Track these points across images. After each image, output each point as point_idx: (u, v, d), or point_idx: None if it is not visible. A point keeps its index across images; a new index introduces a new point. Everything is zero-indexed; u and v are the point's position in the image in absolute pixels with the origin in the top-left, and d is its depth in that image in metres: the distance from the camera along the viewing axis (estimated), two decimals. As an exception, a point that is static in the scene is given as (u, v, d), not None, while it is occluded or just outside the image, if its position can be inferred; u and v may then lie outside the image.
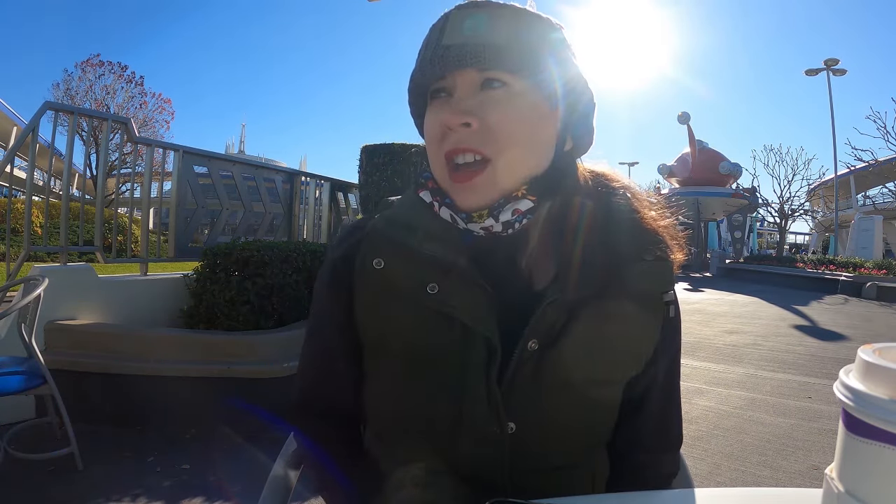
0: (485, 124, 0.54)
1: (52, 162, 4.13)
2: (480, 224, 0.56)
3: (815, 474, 2.32)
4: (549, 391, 0.56)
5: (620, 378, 0.60)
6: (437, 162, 0.57)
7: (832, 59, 18.29)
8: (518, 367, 0.55)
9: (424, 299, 0.55)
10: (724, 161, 17.45)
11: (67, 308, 2.83)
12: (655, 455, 0.65)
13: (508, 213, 0.56)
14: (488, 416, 0.55)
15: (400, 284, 0.57)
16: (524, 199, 0.56)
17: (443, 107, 0.56)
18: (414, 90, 0.61)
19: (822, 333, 6.04)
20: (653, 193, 0.68)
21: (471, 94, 0.55)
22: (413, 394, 0.57)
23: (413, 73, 0.59)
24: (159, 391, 2.65)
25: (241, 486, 2.04)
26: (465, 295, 0.55)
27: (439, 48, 0.55)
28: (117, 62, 21.12)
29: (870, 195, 26.84)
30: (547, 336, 0.55)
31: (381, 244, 0.59)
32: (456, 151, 0.55)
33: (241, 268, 3.11)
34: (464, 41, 0.54)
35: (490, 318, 0.55)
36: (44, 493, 1.96)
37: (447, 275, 0.55)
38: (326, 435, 0.64)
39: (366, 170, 4.84)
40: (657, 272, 0.59)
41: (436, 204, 0.59)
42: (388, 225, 0.60)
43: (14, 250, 4.59)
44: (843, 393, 0.29)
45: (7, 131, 21.23)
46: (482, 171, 0.54)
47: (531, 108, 0.56)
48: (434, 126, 0.57)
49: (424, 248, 0.56)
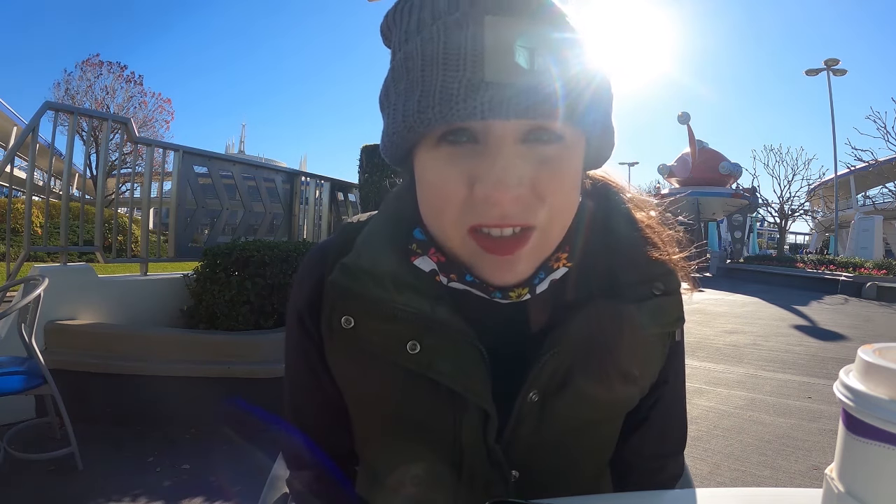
0: (534, 192, 0.42)
1: (52, 162, 4.13)
2: (512, 301, 0.47)
3: (815, 474, 2.32)
4: (552, 437, 0.51)
5: (627, 410, 0.55)
6: (451, 229, 0.45)
7: (832, 59, 18.31)
8: (518, 421, 0.49)
9: (404, 360, 0.47)
10: (724, 161, 17.48)
11: (67, 308, 2.83)
12: (662, 460, 0.61)
13: (545, 285, 0.48)
14: (489, 470, 0.50)
15: (375, 343, 0.48)
16: (562, 268, 0.49)
17: (472, 162, 0.42)
18: (411, 125, 0.42)
19: (822, 333, 6.04)
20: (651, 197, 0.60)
21: (515, 150, 0.42)
22: (402, 450, 0.52)
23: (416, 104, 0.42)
24: (159, 391, 2.65)
25: (241, 486, 2.04)
26: (451, 355, 0.47)
27: (478, 83, 0.39)
28: (117, 62, 21.19)
29: (870, 195, 26.82)
30: (548, 386, 0.49)
31: (348, 300, 0.48)
32: (494, 226, 0.43)
33: (241, 268, 3.11)
34: (515, 80, 0.39)
35: (481, 380, 0.47)
36: (44, 493, 1.96)
37: (429, 331, 0.47)
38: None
39: (366, 170, 4.85)
40: (666, 309, 0.52)
41: (444, 279, 0.48)
42: (350, 279, 0.48)
43: (14, 250, 4.59)
44: (843, 393, 0.29)
45: (7, 131, 21.22)
46: (526, 241, 0.44)
47: (580, 158, 0.46)
48: (453, 183, 0.43)
49: (397, 301, 0.47)
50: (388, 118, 0.46)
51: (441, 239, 0.47)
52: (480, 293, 0.48)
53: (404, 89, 0.44)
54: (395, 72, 0.45)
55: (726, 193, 17.53)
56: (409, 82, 0.43)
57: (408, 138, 0.44)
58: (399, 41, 0.45)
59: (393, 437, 0.52)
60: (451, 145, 0.43)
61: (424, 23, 0.43)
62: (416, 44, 0.43)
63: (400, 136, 0.44)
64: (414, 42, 0.43)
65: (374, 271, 0.48)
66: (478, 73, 0.40)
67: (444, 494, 0.51)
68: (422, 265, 0.49)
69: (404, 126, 0.43)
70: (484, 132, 0.42)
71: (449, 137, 0.43)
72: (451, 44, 0.41)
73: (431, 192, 0.45)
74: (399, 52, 0.45)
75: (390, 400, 0.50)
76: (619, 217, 0.54)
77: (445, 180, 0.43)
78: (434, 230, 0.48)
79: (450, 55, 0.40)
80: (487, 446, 0.49)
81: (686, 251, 0.56)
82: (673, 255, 0.54)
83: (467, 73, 0.40)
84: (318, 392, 0.55)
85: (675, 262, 0.53)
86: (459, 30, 0.40)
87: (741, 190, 18.36)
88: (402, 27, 0.45)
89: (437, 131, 0.43)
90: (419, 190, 0.47)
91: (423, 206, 0.47)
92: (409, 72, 0.43)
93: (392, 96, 0.45)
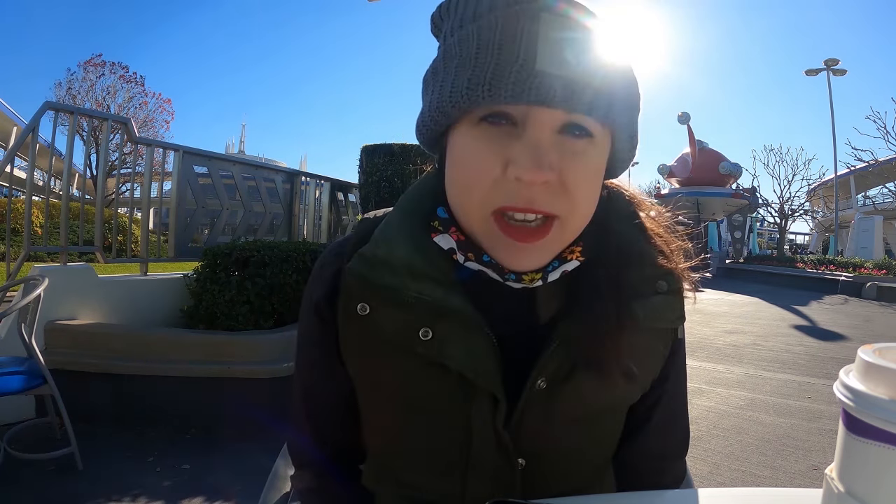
0: (561, 181, 0.45)
1: (52, 162, 4.13)
2: (525, 284, 0.50)
3: (815, 474, 2.32)
4: (559, 425, 0.52)
5: (630, 402, 0.57)
6: (476, 209, 0.47)
7: (832, 59, 18.30)
8: (526, 407, 0.51)
9: (416, 346, 0.49)
10: (724, 161, 17.46)
11: (67, 308, 2.83)
12: (664, 462, 0.62)
13: (557, 274, 0.50)
14: (497, 457, 0.51)
15: (389, 330, 0.50)
16: (574, 260, 0.51)
17: (509, 144, 0.45)
18: (446, 99, 0.46)
19: (822, 333, 6.04)
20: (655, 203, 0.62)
21: (550, 138, 0.45)
22: (413, 436, 0.53)
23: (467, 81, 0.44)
24: (159, 391, 2.65)
25: (241, 486, 2.04)
26: (462, 342, 0.49)
27: (529, 70, 0.43)
28: (118, 62, 21.19)
29: (870, 195, 26.85)
30: (555, 375, 0.51)
31: (364, 286, 0.50)
32: (518, 209, 0.46)
33: (241, 268, 3.11)
34: (562, 73, 0.43)
35: (491, 367, 0.49)
36: (44, 493, 1.96)
37: (441, 318, 0.48)
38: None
39: (366, 170, 4.84)
40: (669, 306, 0.54)
41: (461, 257, 0.50)
42: (368, 268, 0.50)
43: (14, 250, 4.59)
44: (843, 393, 0.29)
45: (7, 131, 21.22)
46: (548, 231, 0.46)
47: (605, 159, 0.49)
48: (488, 162, 0.45)
49: (412, 288, 0.49)
50: (434, 94, 0.48)
51: (463, 218, 0.49)
52: (495, 274, 0.50)
53: (455, 67, 0.46)
54: (448, 52, 0.48)
55: (726, 193, 17.51)
56: (462, 61, 0.46)
57: (451, 114, 0.47)
58: (453, 27, 0.48)
59: (404, 423, 0.53)
60: (491, 126, 0.45)
61: (481, 12, 0.46)
62: (471, 29, 0.46)
63: (443, 111, 0.47)
64: (469, 28, 0.46)
65: (390, 260, 0.50)
66: (529, 61, 0.43)
67: (452, 481, 0.53)
68: (441, 242, 0.51)
69: (451, 101, 0.46)
70: (524, 117, 0.45)
71: (489, 119, 0.45)
72: (507, 32, 0.44)
73: (464, 168, 0.47)
74: (452, 36, 0.48)
75: (403, 386, 0.52)
76: (631, 222, 0.56)
77: (481, 158, 0.46)
78: (458, 208, 0.50)
79: (504, 42, 0.44)
80: (496, 431, 0.50)
81: (692, 262, 0.58)
82: (680, 264, 0.56)
83: (519, 61, 0.43)
84: (330, 381, 0.56)
85: (680, 270, 0.55)
86: (517, 21, 0.44)
87: (741, 190, 18.34)
88: (458, 14, 0.48)
89: (480, 112, 0.45)
90: (450, 168, 0.49)
91: (453, 183, 0.50)
92: (462, 53, 0.46)
93: (441, 74, 0.48)
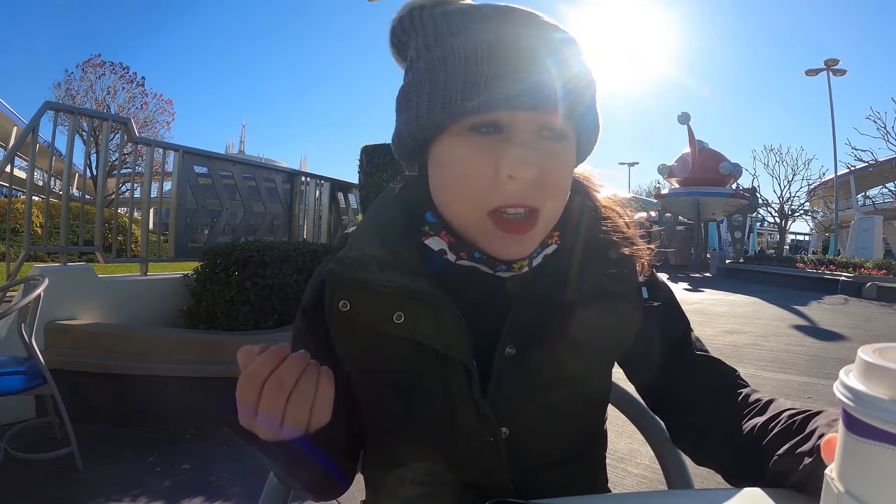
0: (543, 177, 0.50)
1: (52, 162, 4.13)
2: (514, 272, 0.55)
3: (815, 474, 2.31)
4: (535, 392, 0.55)
5: (604, 368, 0.61)
6: (472, 211, 0.52)
7: (832, 59, 18.32)
8: (499, 375, 0.54)
9: (392, 329, 0.54)
10: (725, 161, 17.42)
11: (67, 308, 2.84)
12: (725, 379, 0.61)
13: (540, 259, 0.56)
14: (480, 427, 0.55)
15: (368, 318, 0.55)
16: (553, 244, 0.57)
17: (498, 148, 0.49)
18: (437, 109, 0.50)
19: (822, 333, 6.04)
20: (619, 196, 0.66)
21: (533, 139, 0.50)
22: (403, 415, 0.57)
23: (460, 92, 0.49)
24: (159, 391, 2.65)
25: (241, 486, 2.05)
26: (431, 319, 0.53)
27: (511, 77, 0.48)
28: (118, 63, 21.21)
29: (870, 195, 26.86)
30: (523, 340, 0.55)
31: (343, 285, 0.55)
32: (510, 206, 0.51)
33: (241, 268, 3.11)
34: (540, 79, 0.48)
35: (460, 339, 0.53)
36: (44, 493, 1.96)
37: (409, 300, 0.53)
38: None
39: (366, 170, 4.85)
40: (623, 271, 0.58)
41: (452, 256, 0.55)
42: (342, 267, 0.55)
43: (14, 250, 4.59)
44: (843, 393, 0.29)
45: (7, 131, 21.23)
46: (535, 222, 0.52)
47: (574, 155, 0.55)
48: (480, 166, 0.50)
49: (381, 278, 0.54)
50: (421, 106, 0.51)
51: (458, 218, 0.54)
52: (486, 268, 0.55)
53: (444, 80, 0.50)
54: (431, 65, 0.51)
55: (726, 193, 17.49)
56: (449, 74, 0.49)
57: (442, 124, 0.51)
58: (427, 43, 0.52)
59: (392, 402, 0.57)
60: (480, 135, 0.50)
61: (458, 28, 0.50)
62: (453, 44, 0.50)
63: (434, 122, 0.51)
64: (450, 42, 0.50)
65: (361, 258, 0.55)
66: (515, 71, 0.48)
67: (443, 456, 0.56)
68: (432, 245, 0.56)
69: (443, 112, 0.50)
70: (510, 122, 0.49)
71: (478, 128, 0.50)
72: (492, 46, 0.48)
73: (456, 175, 0.52)
74: (429, 52, 0.51)
75: (386, 365, 0.56)
76: (591, 208, 0.61)
77: (474, 164, 0.50)
78: (451, 212, 0.54)
79: (494, 54, 0.48)
80: (475, 402, 0.54)
81: (646, 241, 0.63)
82: (628, 233, 0.61)
83: (508, 71, 0.48)
84: None
85: (636, 246, 0.60)
86: (496, 35, 0.49)
87: (741, 190, 18.30)
88: (431, 30, 0.52)
89: (469, 121, 0.50)
90: (439, 176, 0.54)
91: (443, 190, 0.54)
92: (447, 66, 0.50)
93: (426, 87, 0.51)
